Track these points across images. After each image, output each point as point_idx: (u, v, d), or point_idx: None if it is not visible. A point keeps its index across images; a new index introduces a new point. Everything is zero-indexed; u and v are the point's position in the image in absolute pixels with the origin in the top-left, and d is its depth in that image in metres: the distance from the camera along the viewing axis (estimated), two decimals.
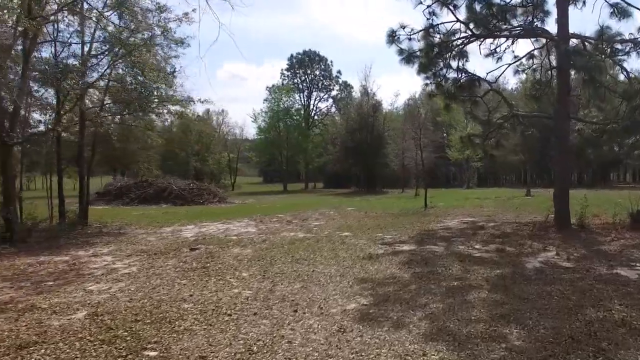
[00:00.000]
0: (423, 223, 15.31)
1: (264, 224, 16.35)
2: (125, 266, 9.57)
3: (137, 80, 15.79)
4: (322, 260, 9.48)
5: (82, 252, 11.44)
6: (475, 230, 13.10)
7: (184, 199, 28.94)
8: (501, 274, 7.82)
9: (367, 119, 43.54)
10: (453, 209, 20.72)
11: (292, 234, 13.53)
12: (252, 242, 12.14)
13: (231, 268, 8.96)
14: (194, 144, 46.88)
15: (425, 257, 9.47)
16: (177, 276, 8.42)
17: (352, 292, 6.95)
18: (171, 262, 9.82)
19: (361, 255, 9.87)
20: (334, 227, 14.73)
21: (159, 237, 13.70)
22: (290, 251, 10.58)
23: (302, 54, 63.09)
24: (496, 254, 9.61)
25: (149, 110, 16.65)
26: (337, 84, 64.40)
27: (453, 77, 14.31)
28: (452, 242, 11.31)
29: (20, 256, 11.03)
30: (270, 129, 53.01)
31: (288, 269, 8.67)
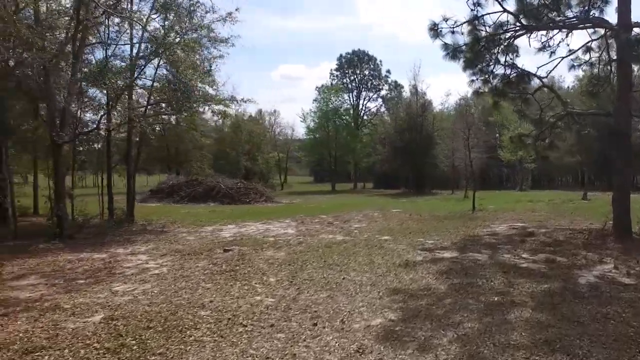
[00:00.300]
0: (468, 227, 14.40)
1: (305, 225, 16.03)
2: (156, 266, 9.52)
3: (178, 80, 15.91)
4: (356, 266, 8.98)
5: (121, 250, 11.59)
6: (523, 237, 12.09)
7: (232, 197, 29.22)
8: (549, 290, 6.99)
9: (416, 119, 42.25)
10: (502, 212, 19.50)
11: (331, 237, 13.10)
12: (287, 244, 11.82)
13: (259, 272, 8.65)
14: (244, 144, 47.46)
15: (466, 266, 8.73)
16: (203, 279, 8.21)
17: (380, 305, 6.41)
18: (202, 263, 9.67)
19: (397, 262, 9.27)
20: (374, 230, 14.16)
21: (197, 237, 13.70)
22: (324, 255, 10.15)
23: (352, 53, 62.45)
24: (545, 265, 8.70)
25: (190, 110, 16.74)
26: (387, 84, 63.27)
27: (501, 73, 13.30)
28: (497, 249, 10.44)
29: (65, 252, 11.32)
30: (319, 128, 52.85)
31: (318, 275, 8.25)
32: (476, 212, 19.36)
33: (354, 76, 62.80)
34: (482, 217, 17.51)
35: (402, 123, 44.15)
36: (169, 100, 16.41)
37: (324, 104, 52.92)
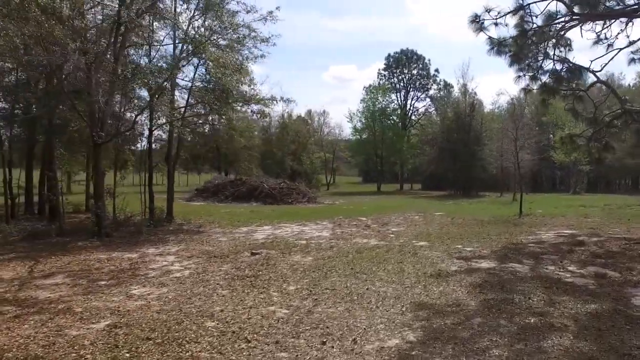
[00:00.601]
0: (512, 234, 13.37)
1: (341, 228, 15.55)
2: (181, 268, 9.37)
3: (216, 79, 15.86)
4: (384, 275, 8.41)
5: (152, 250, 11.59)
6: (572, 247, 11.00)
7: (274, 198, 29.18)
8: (596, 311, 6.12)
9: (464, 119, 40.53)
10: (551, 218, 18.11)
11: (365, 241, 12.55)
12: (318, 249, 11.39)
13: (281, 279, 8.27)
14: (290, 144, 47.54)
15: (504, 279, 7.93)
16: (222, 284, 7.94)
17: (401, 322, 5.84)
18: (226, 266, 9.43)
19: (429, 271, 8.60)
20: (411, 235, 13.45)
21: (230, 238, 13.55)
22: (352, 262, 9.64)
23: (400, 52, 61.05)
24: (594, 281, 7.75)
25: (227, 110, 16.67)
26: (435, 83, 61.38)
27: (551, 69, 12.19)
28: (540, 260, 9.50)
29: (98, 251, 11.46)
30: (365, 129, 52.07)
31: (341, 285, 7.75)
32: (523, 217, 18.11)
33: (402, 76, 61.45)
34: (528, 223, 16.30)
35: (450, 123, 42.56)
36: (207, 100, 16.44)
37: (371, 104, 52.07)
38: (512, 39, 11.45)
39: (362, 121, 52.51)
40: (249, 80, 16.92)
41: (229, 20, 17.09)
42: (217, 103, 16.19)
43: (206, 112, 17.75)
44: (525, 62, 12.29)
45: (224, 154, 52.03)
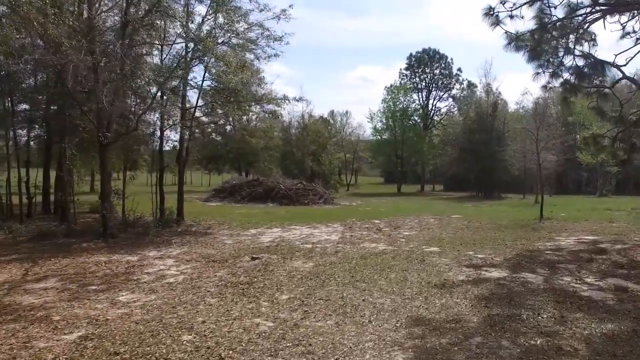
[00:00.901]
0: (529, 240, 12.61)
1: (351, 231, 15.04)
2: (176, 273, 9.06)
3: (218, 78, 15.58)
4: (385, 284, 7.89)
5: (154, 252, 11.35)
6: (592, 255, 10.22)
7: (290, 198, 28.83)
8: (613, 332, 5.48)
9: (486, 119, 39.31)
10: (573, 222, 17.14)
11: (373, 246, 12.03)
12: (322, 253, 10.94)
13: (275, 287, 7.85)
14: (310, 144, 47.15)
15: (513, 291, 7.31)
16: (212, 292, 7.57)
17: (392, 340, 5.33)
18: (222, 272, 9.08)
19: (434, 281, 8.04)
20: (422, 240, 12.84)
21: (235, 241, 13.22)
22: (355, 268, 9.14)
23: (422, 52, 59.91)
24: (613, 295, 7.04)
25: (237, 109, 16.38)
26: (458, 82, 60.02)
27: (573, 65, 11.41)
28: (556, 270, 8.80)
29: (100, 253, 11.29)
30: (386, 129, 51.26)
31: (336, 294, 7.28)
32: (543, 221, 17.21)
33: (424, 75, 60.33)
34: (548, 228, 15.44)
35: (471, 123, 41.40)
36: (216, 100, 16.19)
37: (392, 104, 51.21)
38: (530, 32, 10.72)
39: (382, 121, 51.78)
40: (258, 79, 16.60)
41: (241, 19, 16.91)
42: (227, 103, 15.94)
43: (215, 112, 17.44)
44: (545, 58, 11.53)
45: (244, 154, 52.16)
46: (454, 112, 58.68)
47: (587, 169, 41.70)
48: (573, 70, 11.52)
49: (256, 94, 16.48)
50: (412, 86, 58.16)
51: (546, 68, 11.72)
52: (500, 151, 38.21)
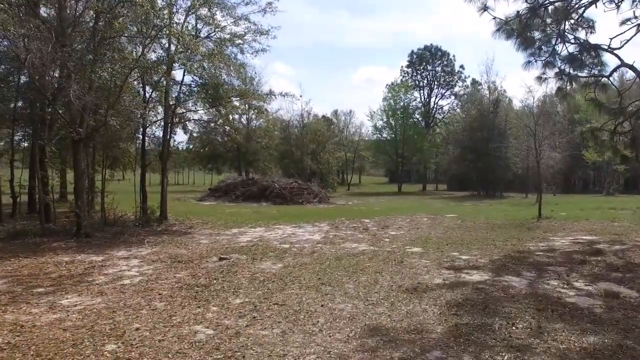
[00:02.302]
0: (521, 240, 11.89)
1: (337, 231, 14.42)
2: (135, 275, 8.49)
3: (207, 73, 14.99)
4: (351, 288, 7.26)
5: (122, 252, 10.80)
6: (586, 256, 9.50)
7: (284, 198, 28.25)
8: (594, 347, 4.76)
9: (487, 116, 38.41)
10: (573, 221, 16.33)
11: (354, 246, 11.40)
12: (297, 254, 10.33)
13: (232, 290, 7.25)
14: (309, 143, 46.50)
15: (491, 296, 6.64)
16: (164, 295, 6.98)
17: (338, 353, 4.69)
18: (183, 273, 8.50)
19: (406, 285, 7.39)
20: (408, 240, 12.19)
21: (212, 241, 12.65)
22: (325, 270, 8.52)
23: (423, 49, 59.09)
24: (602, 302, 6.31)
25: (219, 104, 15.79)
26: (460, 80, 59.04)
27: (569, 53, 10.69)
28: (544, 273, 8.10)
29: (67, 253, 10.77)
30: (386, 127, 50.45)
31: (294, 299, 6.66)
32: (540, 221, 16.47)
33: (426, 72, 59.45)
34: (544, 227, 14.70)
35: (472, 121, 40.52)
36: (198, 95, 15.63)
37: (392, 102, 50.40)
38: (516, 15, 10.00)
39: (382, 120, 50.99)
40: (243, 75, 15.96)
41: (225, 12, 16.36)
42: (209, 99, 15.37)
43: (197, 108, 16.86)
44: (536, 46, 10.83)
45: (243, 153, 51.65)
46: (457, 110, 57.75)
47: (594, 167, 40.75)
48: (568, 59, 10.79)
49: (238, 89, 15.82)
50: (413, 84, 57.27)
51: (538, 57, 11.02)
52: (502, 149, 37.33)
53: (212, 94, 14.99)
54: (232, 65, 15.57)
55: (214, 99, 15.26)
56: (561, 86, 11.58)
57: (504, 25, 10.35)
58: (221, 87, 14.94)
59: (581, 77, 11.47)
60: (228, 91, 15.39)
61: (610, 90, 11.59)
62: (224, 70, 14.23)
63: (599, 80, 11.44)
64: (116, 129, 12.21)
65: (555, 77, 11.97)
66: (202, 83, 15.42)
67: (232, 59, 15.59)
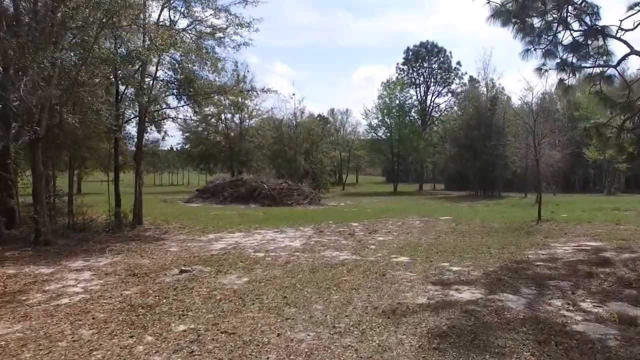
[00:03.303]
0: (520, 247, 10.80)
1: (320, 236, 13.35)
2: (78, 292, 7.43)
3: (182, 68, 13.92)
4: (319, 310, 6.19)
5: (78, 263, 9.74)
6: (593, 267, 8.41)
7: (273, 199, 27.17)
8: None
9: (485, 113, 37.26)
10: (575, 224, 15.23)
11: (334, 254, 10.33)
12: (269, 265, 9.26)
13: (180, 312, 6.17)
14: (303, 142, 45.39)
15: (482, 322, 5.57)
16: (97, 319, 5.93)
17: None
18: (132, 290, 7.43)
19: (384, 305, 6.31)
20: (395, 247, 11.11)
21: (182, 248, 11.59)
22: (294, 286, 7.44)
23: (419, 45, 57.80)
24: (617, 332, 5.19)
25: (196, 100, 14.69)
26: (457, 77, 57.80)
27: (572, 39, 9.63)
28: (545, 289, 7.01)
29: (14, 264, 9.76)
30: (381, 126, 49.27)
31: (249, 325, 5.60)
32: (540, 224, 15.40)
33: (422, 70, 58.21)
34: (545, 231, 13.62)
35: (469, 118, 39.39)
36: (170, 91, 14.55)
37: (387, 100, 49.19)
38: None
39: (378, 118, 49.79)
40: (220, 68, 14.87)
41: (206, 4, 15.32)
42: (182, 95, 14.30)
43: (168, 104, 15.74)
44: (535, 33, 9.76)
45: (236, 153, 50.58)
46: (454, 108, 56.51)
47: (595, 166, 39.71)
48: (569, 45, 9.73)
49: (215, 84, 14.74)
50: (409, 81, 56.01)
51: (537, 44, 9.95)
52: (500, 147, 36.21)
53: (186, 90, 13.89)
54: (208, 59, 14.53)
55: (189, 95, 14.15)
56: (563, 78, 10.51)
57: (500, 7, 9.27)
58: (196, 83, 13.85)
59: (585, 68, 10.41)
60: (203, 86, 14.29)
61: (616, 83, 10.51)
62: (196, 64, 13.11)
63: (605, 71, 10.37)
64: (75, 127, 11.04)
65: (557, 68, 10.91)
66: (176, 78, 14.34)
67: (209, 52, 14.53)
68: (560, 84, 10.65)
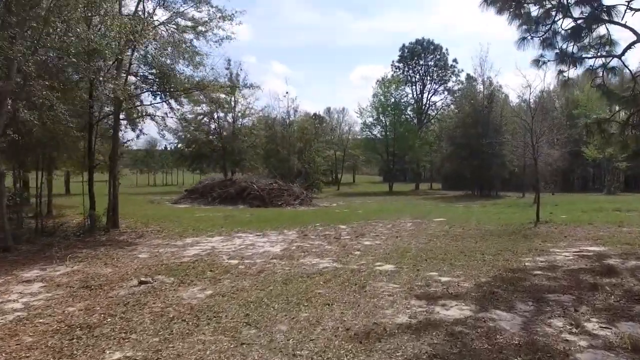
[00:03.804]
0: (516, 253, 9.94)
1: (303, 240, 12.51)
2: (16, 309, 6.58)
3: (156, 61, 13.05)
4: (284, 330, 5.35)
5: (32, 273, 8.89)
6: (597, 277, 7.56)
7: (262, 200, 26.31)
8: None
9: (481, 111, 36.36)
10: (575, 226, 14.38)
11: (314, 262, 9.49)
12: (239, 274, 8.42)
13: (122, 334, 5.33)
14: (296, 142, 44.51)
15: (470, 348, 4.71)
16: (22, 346, 5.07)
17: None
18: (78, 305, 6.59)
19: (357, 326, 5.46)
20: (381, 253, 10.26)
21: (153, 254, 10.74)
22: (261, 301, 6.59)
23: (415, 43, 56.71)
24: None
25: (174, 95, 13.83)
26: (454, 74, 56.79)
27: (574, 22, 8.80)
28: (544, 305, 6.14)
29: None
30: (376, 124, 48.31)
31: (195, 353, 4.76)
32: (539, 226, 14.56)
33: (418, 67, 57.21)
34: (543, 234, 12.77)
35: (466, 116, 38.50)
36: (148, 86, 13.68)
37: (382, 98, 48.22)
38: None
39: (372, 116, 48.84)
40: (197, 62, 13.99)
41: None
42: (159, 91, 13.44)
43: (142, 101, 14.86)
44: (532, 18, 8.92)
45: (229, 152, 49.67)
46: (451, 106, 55.55)
47: (594, 164, 38.92)
48: (569, 31, 8.89)
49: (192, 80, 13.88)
50: (405, 79, 54.95)
51: (535, 32, 9.12)
52: (496, 145, 35.31)
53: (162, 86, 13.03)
54: (186, 52, 13.68)
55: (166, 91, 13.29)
56: (562, 69, 9.67)
57: None
58: (173, 78, 12.99)
59: (586, 58, 9.58)
60: (181, 82, 13.43)
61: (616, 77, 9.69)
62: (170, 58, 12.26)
63: (608, 62, 9.54)
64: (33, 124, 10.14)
65: (555, 59, 10.09)
66: (152, 73, 13.48)
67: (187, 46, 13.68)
68: (559, 75, 9.81)
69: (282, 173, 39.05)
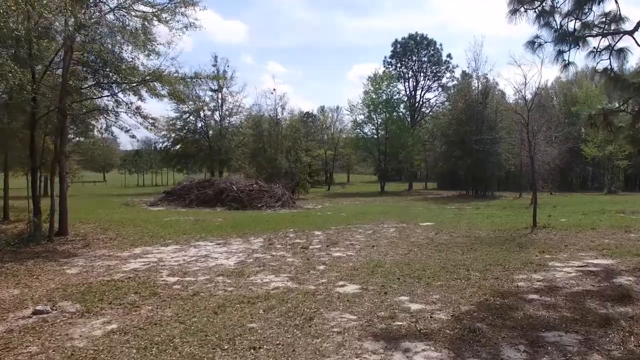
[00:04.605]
0: (508, 268, 8.35)
1: (266, 251, 10.97)
2: None
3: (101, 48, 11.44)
4: None
5: None
6: (608, 305, 5.98)
7: (241, 202, 24.69)
8: None
9: (476, 107, 34.78)
10: (577, 232, 12.86)
11: (266, 280, 7.95)
12: (168, 298, 6.87)
13: None
14: (283, 140, 42.88)
15: None
16: None
17: None
18: None
19: None
20: (347, 269, 8.69)
21: (84, 270, 9.19)
22: (168, 343, 5.02)
23: (408, 38, 54.93)
24: None
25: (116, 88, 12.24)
26: (448, 70, 55.11)
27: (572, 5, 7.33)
28: (540, 351, 4.55)
29: None
30: (367, 122, 46.68)
31: None
32: (536, 232, 13.02)
33: (411, 63, 55.51)
34: (541, 243, 11.19)
35: (460, 113, 36.91)
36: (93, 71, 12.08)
37: (373, 95, 46.54)
38: None
39: (364, 114, 47.16)
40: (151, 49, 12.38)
41: None
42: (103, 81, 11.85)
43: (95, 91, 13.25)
44: None
45: (216, 151, 48.11)
46: (445, 103, 53.85)
47: (593, 163, 37.45)
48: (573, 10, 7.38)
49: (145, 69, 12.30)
50: (397, 74, 53.08)
51: (529, 4, 7.61)
52: (491, 143, 33.73)
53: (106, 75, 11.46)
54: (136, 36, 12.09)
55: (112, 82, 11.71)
56: (562, 49, 8.14)
57: None
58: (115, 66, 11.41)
59: (590, 37, 8.07)
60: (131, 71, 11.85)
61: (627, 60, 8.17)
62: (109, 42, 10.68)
63: (616, 42, 8.05)
64: None
65: (554, 40, 8.57)
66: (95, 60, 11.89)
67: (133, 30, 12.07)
68: (559, 55, 8.27)
69: (269, 173, 37.50)
